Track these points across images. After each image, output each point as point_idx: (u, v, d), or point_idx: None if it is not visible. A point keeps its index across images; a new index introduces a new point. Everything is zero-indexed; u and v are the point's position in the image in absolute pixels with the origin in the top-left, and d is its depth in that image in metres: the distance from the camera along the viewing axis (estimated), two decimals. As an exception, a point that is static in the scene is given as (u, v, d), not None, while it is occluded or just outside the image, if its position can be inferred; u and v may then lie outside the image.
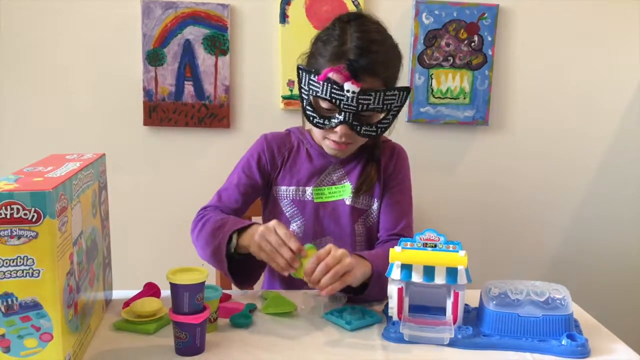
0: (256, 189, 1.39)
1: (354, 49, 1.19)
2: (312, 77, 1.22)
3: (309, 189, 1.36)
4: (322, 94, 1.21)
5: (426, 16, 1.96)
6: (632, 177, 2.13)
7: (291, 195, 1.37)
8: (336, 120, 1.23)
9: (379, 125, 1.25)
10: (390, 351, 1.03)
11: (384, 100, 1.21)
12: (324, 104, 1.24)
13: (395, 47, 1.28)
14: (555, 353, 1.02)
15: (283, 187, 1.38)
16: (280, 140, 1.41)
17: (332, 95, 1.19)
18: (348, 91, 1.18)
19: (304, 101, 1.26)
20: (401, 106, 1.25)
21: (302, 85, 1.26)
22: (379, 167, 1.38)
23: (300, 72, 1.25)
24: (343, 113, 1.21)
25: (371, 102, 1.20)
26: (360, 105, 1.20)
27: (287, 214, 1.37)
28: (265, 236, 1.10)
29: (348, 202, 1.36)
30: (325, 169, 1.37)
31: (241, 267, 1.22)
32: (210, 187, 1.40)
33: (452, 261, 1.06)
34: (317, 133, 1.32)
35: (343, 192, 1.36)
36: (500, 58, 2.02)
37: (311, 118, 1.26)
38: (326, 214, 1.36)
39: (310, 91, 1.23)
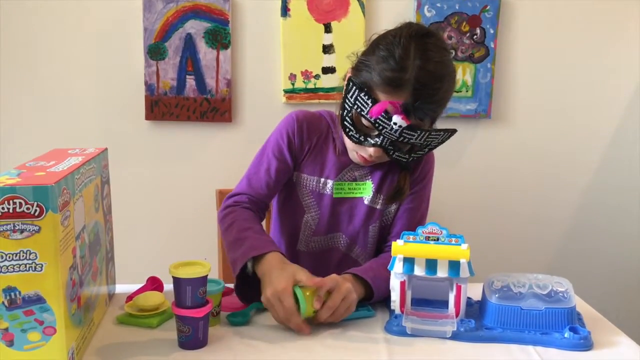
0: (287, 172, 1.33)
1: (414, 82, 1.11)
2: (362, 96, 1.15)
3: (330, 183, 1.31)
4: (366, 114, 1.15)
5: (428, 9, 1.95)
6: (634, 168, 2.13)
7: (312, 186, 1.32)
8: (372, 142, 1.19)
9: (412, 154, 1.22)
10: (393, 344, 1.03)
11: (426, 138, 1.17)
12: (365, 123, 1.19)
13: (453, 79, 1.19)
14: (558, 346, 1.02)
15: (305, 176, 1.32)
16: (311, 123, 1.33)
17: (377, 121, 1.14)
18: (395, 124, 1.12)
19: (345, 111, 1.19)
20: (441, 144, 1.21)
21: (348, 96, 1.18)
22: (410, 175, 1.32)
23: (351, 83, 1.17)
24: (382, 137, 1.17)
25: (414, 137, 1.16)
26: (402, 137, 1.15)
27: (303, 203, 1.33)
28: (273, 303, 1.06)
29: (366, 201, 1.32)
30: (350, 163, 1.31)
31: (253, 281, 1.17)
32: (213, 181, 1.40)
33: (454, 254, 1.06)
34: (347, 142, 1.26)
35: (363, 190, 1.32)
36: (503, 51, 2.02)
37: (347, 129, 1.21)
38: (342, 210, 1.33)
39: (355, 106, 1.17)
